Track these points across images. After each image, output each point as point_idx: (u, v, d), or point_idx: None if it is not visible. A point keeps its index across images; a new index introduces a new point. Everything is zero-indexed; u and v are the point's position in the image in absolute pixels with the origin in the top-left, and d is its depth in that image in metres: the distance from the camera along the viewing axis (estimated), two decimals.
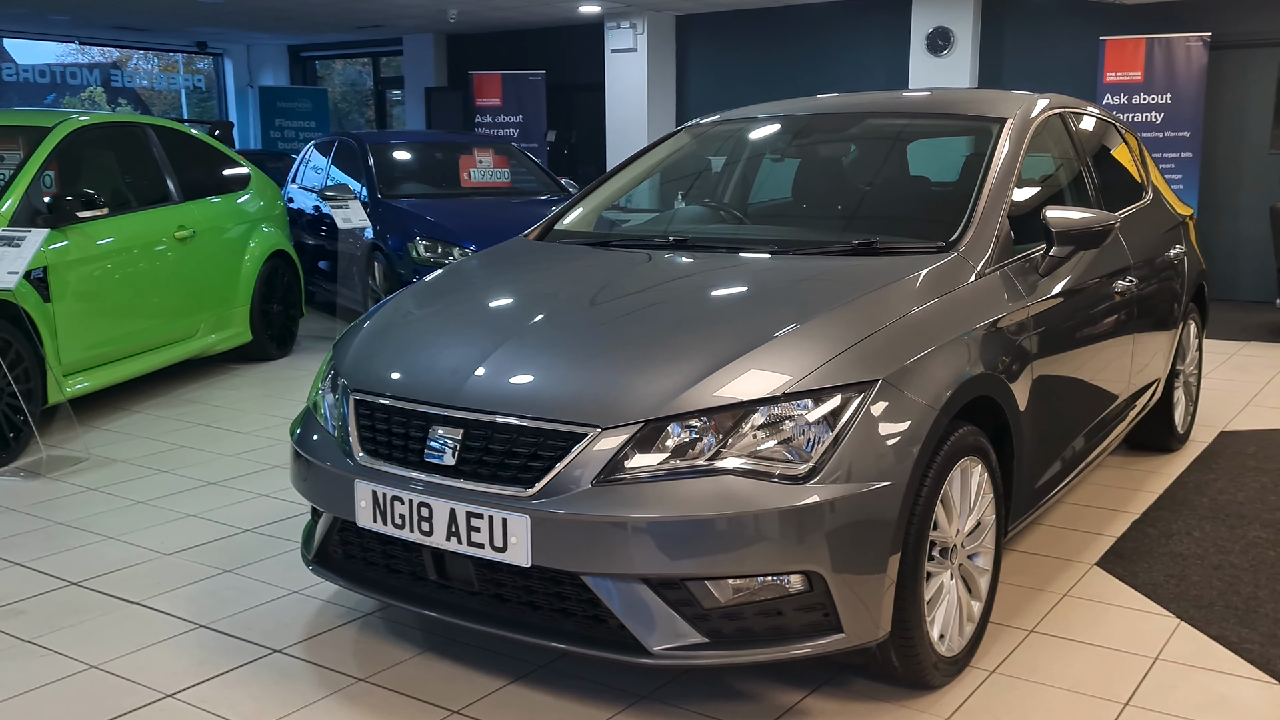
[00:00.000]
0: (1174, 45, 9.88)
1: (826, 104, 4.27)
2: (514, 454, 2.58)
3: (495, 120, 13.24)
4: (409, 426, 2.76)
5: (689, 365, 2.59)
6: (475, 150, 9.35)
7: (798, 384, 2.52)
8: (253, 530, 4.10)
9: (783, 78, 12.36)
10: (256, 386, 6.67)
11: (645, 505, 2.43)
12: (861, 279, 2.98)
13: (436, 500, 2.64)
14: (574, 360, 2.71)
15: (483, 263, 3.74)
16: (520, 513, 2.51)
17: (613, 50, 12.81)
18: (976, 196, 3.34)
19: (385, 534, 2.77)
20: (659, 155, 4.32)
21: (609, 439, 2.49)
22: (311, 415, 3.17)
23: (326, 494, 2.92)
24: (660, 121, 12.82)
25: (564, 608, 2.59)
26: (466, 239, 7.75)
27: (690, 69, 13.02)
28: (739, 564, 2.42)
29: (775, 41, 12.40)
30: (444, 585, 2.78)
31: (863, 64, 11.85)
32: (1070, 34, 10.71)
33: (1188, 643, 3.11)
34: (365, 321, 3.29)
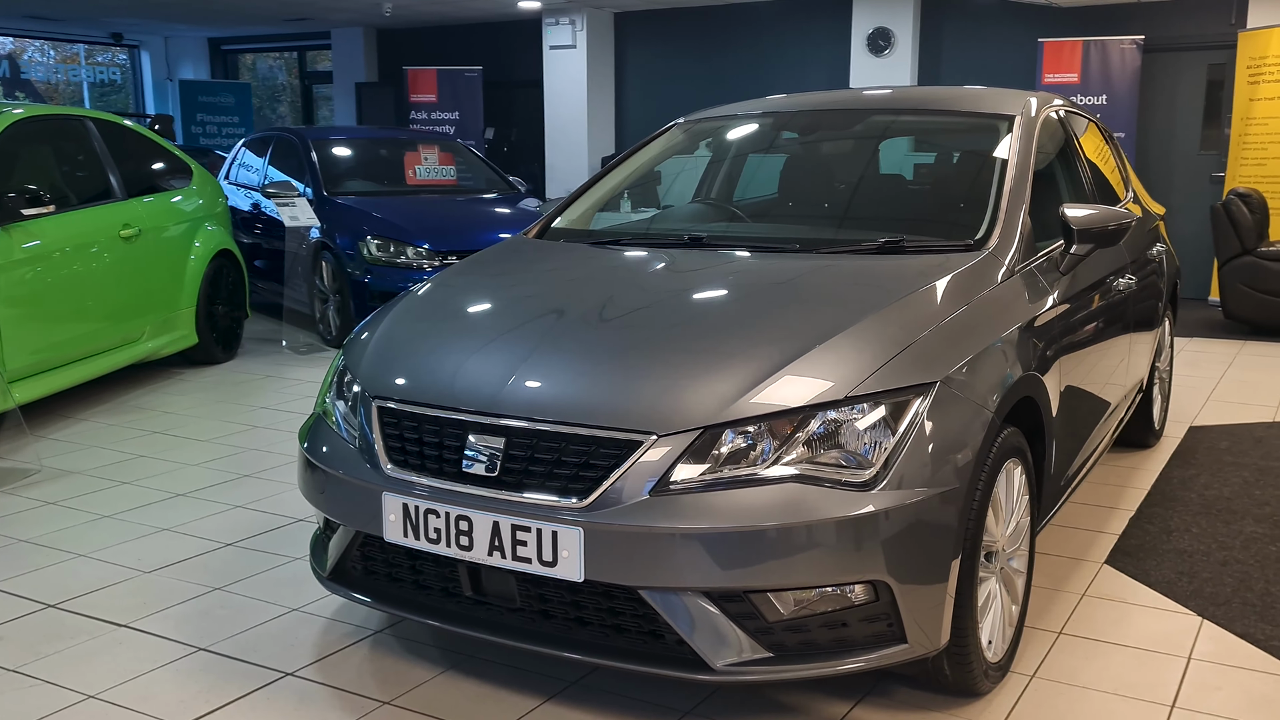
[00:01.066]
0: (1109, 47, 10.08)
1: (826, 100, 4.20)
2: (563, 463, 2.46)
3: (431, 116, 12.99)
4: (443, 435, 2.62)
5: (744, 370, 2.50)
6: (420, 147, 9.13)
7: (857, 388, 2.44)
8: (235, 545, 3.89)
9: (723, 77, 12.34)
10: (206, 392, 6.40)
11: (707, 515, 2.33)
12: (899, 278, 2.92)
13: (477, 513, 2.50)
14: (622, 365, 2.59)
15: (493, 262, 3.60)
16: (573, 525, 2.39)
17: (551, 47, 12.65)
18: (998, 193, 3.31)
19: (416, 549, 2.62)
20: (653, 152, 4.22)
21: (666, 447, 2.39)
22: (323, 423, 3.00)
23: (347, 507, 2.76)
24: (600, 119, 12.71)
25: (616, 623, 2.47)
26: (420, 238, 7.56)
27: (629, 67, 12.93)
28: (804, 575, 2.34)
29: (715, 40, 12.37)
30: (480, 602, 2.64)
31: (804, 63, 11.88)
32: (1008, 36, 10.87)
33: (1215, 641, 3.11)
34: (377, 325, 3.13)
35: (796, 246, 3.30)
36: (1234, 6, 9.97)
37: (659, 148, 4.24)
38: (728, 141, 4.36)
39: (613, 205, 4.13)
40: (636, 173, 4.18)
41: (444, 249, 7.54)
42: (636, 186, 4.24)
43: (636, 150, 4.23)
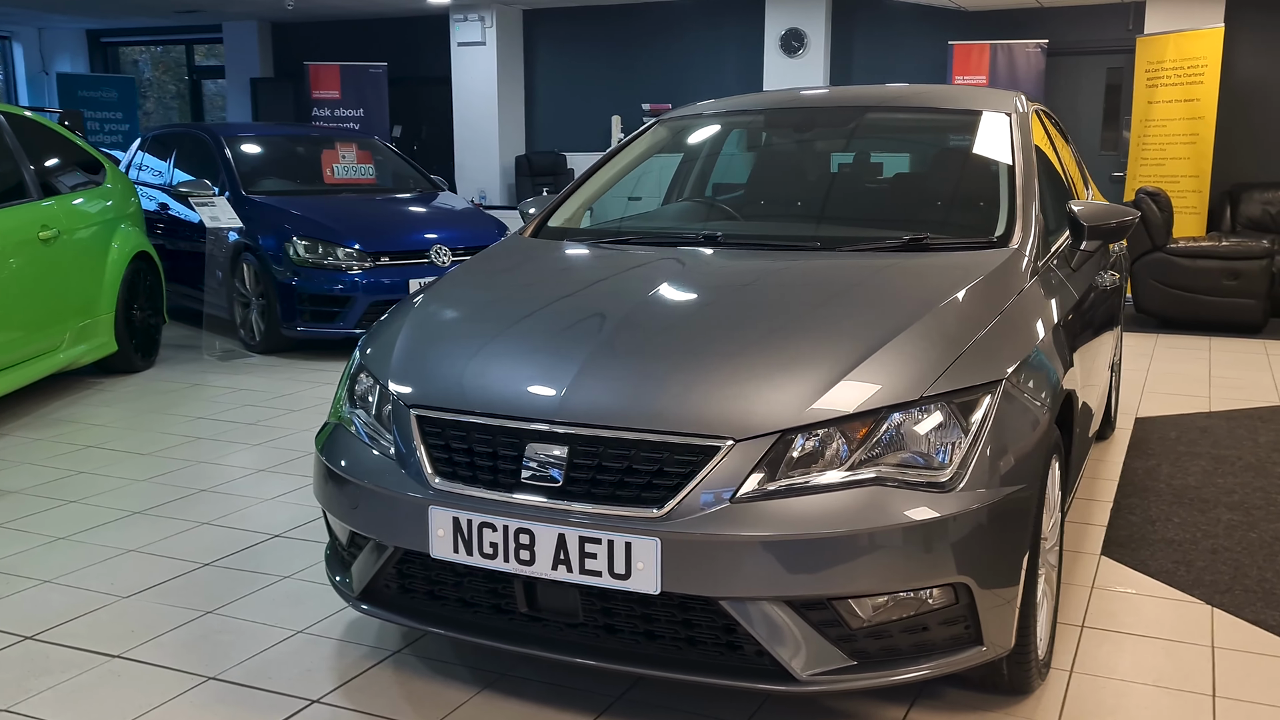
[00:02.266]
0: (1015, 51, 10.38)
1: (816, 97, 4.18)
2: (634, 471, 2.36)
3: (334, 114, 12.62)
4: (497, 445, 2.49)
5: (814, 372, 2.44)
6: (338, 145, 8.84)
7: (930, 387, 2.41)
8: (213, 564, 3.67)
9: (636, 76, 12.30)
10: (132, 402, 6.06)
11: (790, 522, 2.27)
12: (941, 275, 2.90)
13: (540, 526, 2.39)
14: (690, 369, 2.50)
15: (506, 262, 3.46)
16: (648, 535, 2.30)
17: (460, 43, 12.43)
18: (1011, 189, 3.33)
19: (467, 565, 2.49)
20: (638, 150, 4.13)
21: (743, 452, 2.31)
22: (344, 432, 2.83)
23: (385, 522, 2.61)
24: (511, 117, 12.53)
25: (690, 636, 2.39)
26: (350, 238, 7.32)
27: (540, 64, 12.79)
28: (889, 579, 2.29)
29: (627, 39, 12.32)
30: (535, 618, 2.52)
31: (717, 63, 11.93)
32: (919, 37, 11.10)
33: (1232, 629, 3.18)
34: (396, 330, 2.97)
35: (817, 244, 3.26)
36: (1131, 13, 10.37)
37: (643, 145, 4.15)
38: (717, 139, 4.29)
39: (599, 206, 4.03)
40: (623, 171, 4.08)
41: (375, 250, 7.32)
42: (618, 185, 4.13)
43: (621, 149, 4.13)
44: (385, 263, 7.33)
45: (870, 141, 4.02)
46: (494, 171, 12.34)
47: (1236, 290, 8.35)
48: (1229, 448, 5.10)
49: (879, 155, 4.00)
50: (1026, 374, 2.59)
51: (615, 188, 4.11)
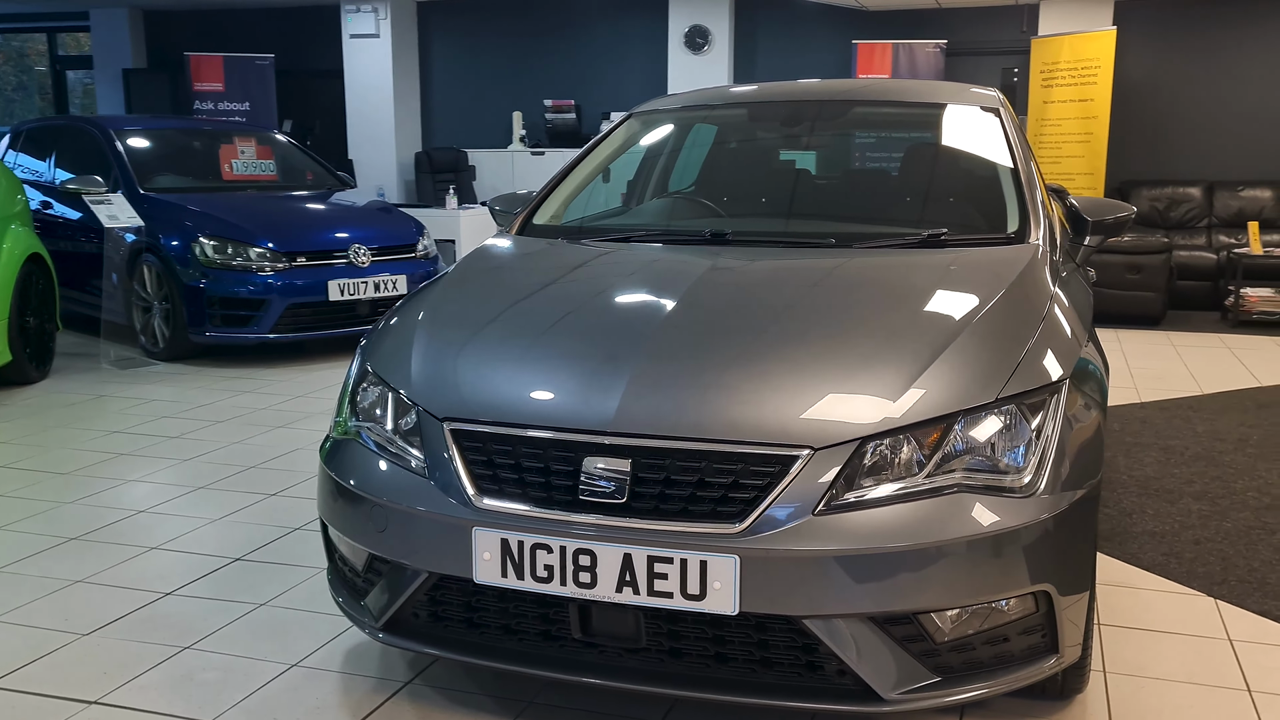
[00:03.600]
0: (916, 50, 10.54)
1: (799, 90, 4.06)
2: (706, 484, 2.21)
3: (218, 107, 12.03)
4: (549, 460, 2.31)
5: (886, 376, 2.33)
6: (236, 139, 8.40)
7: (1003, 389, 2.33)
8: (175, 594, 3.37)
9: (537, 71, 12.08)
10: (34, 417, 5.60)
11: (876, 534, 2.15)
12: (973, 274, 2.83)
13: (602, 545, 2.22)
14: (754, 374, 2.36)
15: (511, 262, 3.26)
16: (726, 553, 2.16)
17: (352, 35, 12.00)
18: (1018, 184, 3.29)
19: (516, 590, 2.31)
20: (615, 144, 3.97)
21: (823, 462, 2.19)
22: (355, 447, 2.60)
23: (418, 546, 2.40)
24: (406, 113, 12.16)
25: (767, 657, 2.25)
26: (263, 237, 6.95)
27: (436, 58, 12.44)
28: (978, 589, 2.20)
29: (527, 34, 12.09)
30: (590, 644, 2.35)
31: (621, 60, 11.80)
32: (823, 36, 11.18)
33: (1241, 621, 3.21)
34: (408, 337, 2.75)
35: (832, 241, 3.17)
36: (1025, 15, 10.64)
37: (619, 140, 3.99)
38: (701, 133, 4.15)
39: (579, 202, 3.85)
40: (601, 166, 3.91)
41: (290, 250, 6.97)
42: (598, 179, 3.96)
43: (598, 143, 3.96)
44: (301, 263, 6.97)
45: (862, 135, 3.94)
46: (390, 168, 11.95)
47: (1138, 284, 8.64)
48: (1172, 438, 5.22)
49: (873, 149, 3.92)
50: (1080, 372, 2.54)
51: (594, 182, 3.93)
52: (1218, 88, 10.21)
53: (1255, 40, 10.05)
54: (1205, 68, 10.22)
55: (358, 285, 7.11)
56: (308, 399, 6.04)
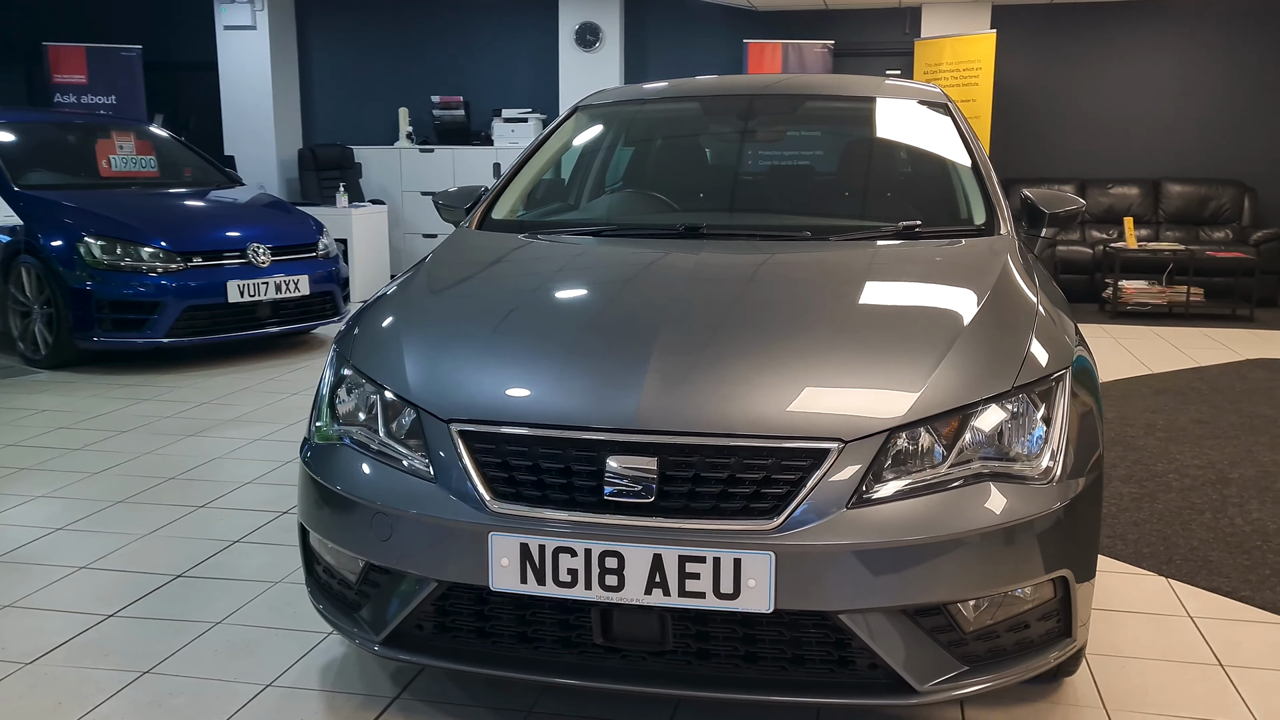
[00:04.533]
0: (805, 50, 10.70)
1: (748, 84, 4.04)
2: (737, 480, 2.17)
3: (82, 100, 11.39)
4: (569, 460, 2.23)
5: (906, 367, 2.32)
6: (115, 134, 7.97)
7: (1018, 377, 2.35)
8: (116, 615, 3.15)
9: (423, 66, 11.82)
10: None
11: (909, 526, 2.15)
12: (961, 265, 2.87)
13: (630, 547, 2.15)
14: (777, 367, 2.32)
15: (488, 257, 3.14)
16: (761, 550, 2.12)
17: (226, 26, 11.51)
18: (979, 177, 3.35)
19: (536, 596, 2.22)
20: (564, 138, 3.88)
21: (854, 454, 2.17)
22: (346, 451, 2.47)
23: (427, 554, 2.28)
24: (286, 108, 11.75)
25: (799, 655, 2.22)
26: (155, 236, 6.61)
27: (316, 52, 12.05)
28: (1006, 577, 2.22)
29: (412, 28, 11.82)
30: (611, 649, 2.28)
31: (510, 56, 11.64)
32: (713, 34, 11.25)
33: (1197, 599, 3.33)
34: (392, 333, 2.62)
35: (808, 234, 3.16)
36: (908, 18, 10.93)
37: (567, 134, 3.91)
38: (652, 126, 4.08)
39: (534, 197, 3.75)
40: (553, 160, 3.83)
41: (185, 249, 6.65)
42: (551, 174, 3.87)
43: (546, 138, 3.87)
44: (198, 264, 6.65)
45: (818, 130, 3.95)
46: (271, 165, 11.52)
47: None
48: None
49: (829, 143, 3.93)
50: (1075, 361, 2.59)
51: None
52: (1088, 90, 10.67)
53: (1119, 46, 10.54)
54: (1076, 71, 10.67)
55: (258, 286, 6.83)
56: (215, 405, 5.76)
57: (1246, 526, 3.96)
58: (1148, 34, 10.49)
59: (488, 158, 11.23)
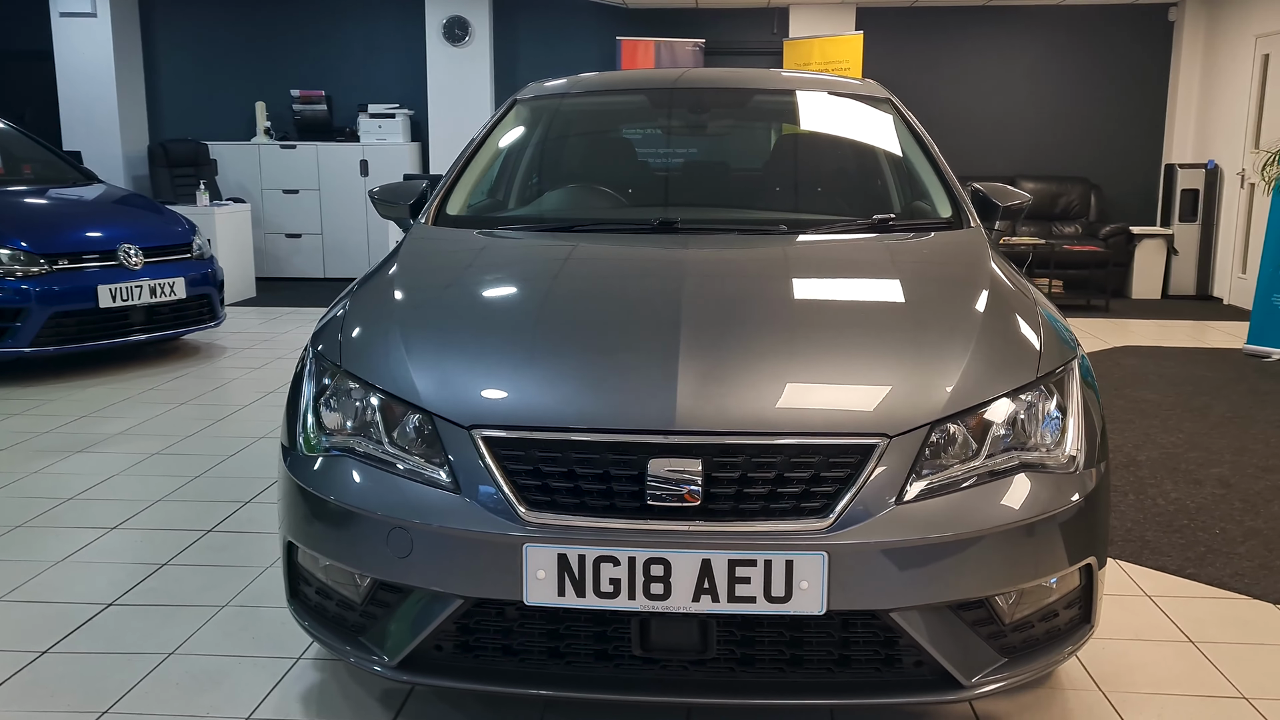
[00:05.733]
0: (677, 48, 10.74)
1: (699, 77, 3.98)
2: (785, 480, 2.11)
3: None
4: (608, 465, 2.12)
5: (936, 359, 2.31)
6: None
7: (1040, 367, 2.37)
8: (51, 651, 2.87)
9: (281, 59, 11.33)
10: None
11: (956, 520, 2.13)
12: (951, 257, 2.89)
13: (677, 553, 2.07)
14: (815, 363, 2.27)
15: (466, 255, 2.99)
16: (814, 550, 2.06)
17: (62, 14, 10.77)
18: (938, 171, 3.39)
19: (570, 609, 2.11)
20: (506, 130, 3.74)
21: (899, 450, 2.14)
22: (349, 464, 2.29)
23: (454, 570, 2.14)
24: (130, 100, 11.07)
25: (846, 655, 2.17)
26: (13, 237, 6.13)
27: (161, 42, 11.40)
28: (1045, 566, 2.23)
29: (268, 18, 11.30)
30: (649, 660, 2.19)
31: (375, 49, 11.27)
32: (585, 31, 11.16)
33: (1148, 579, 3.45)
34: (385, 335, 2.45)
35: (784, 228, 3.12)
36: (775, 19, 11.10)
37: (509, 127, 3.77)
38: (602, 120, 3.96)
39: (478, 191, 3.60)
40: (498, 154, 3.68)
41: (49, 251, 6.18)
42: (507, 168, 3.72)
43: (490, 131, 3.71)
44: (64, 266, 6.18)
45: (768, 124, 3.91)
46: (116, 161, 10.83)
47: None
48: None
49: (783, 137, 3.89)
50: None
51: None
52: (948, 91, 11.05)
53: (975, 49, 10.96)
54: (937, 73, 11.04)
55: (131, 290, 6.39)
56: (97, 419, 5.35)
57: (1169, 506, 4.13)
58: (1001, 38, 10.94)
59: (354, 154, 10.86)
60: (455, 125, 10.98)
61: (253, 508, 4.02)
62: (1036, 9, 10.81)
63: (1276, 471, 4.58)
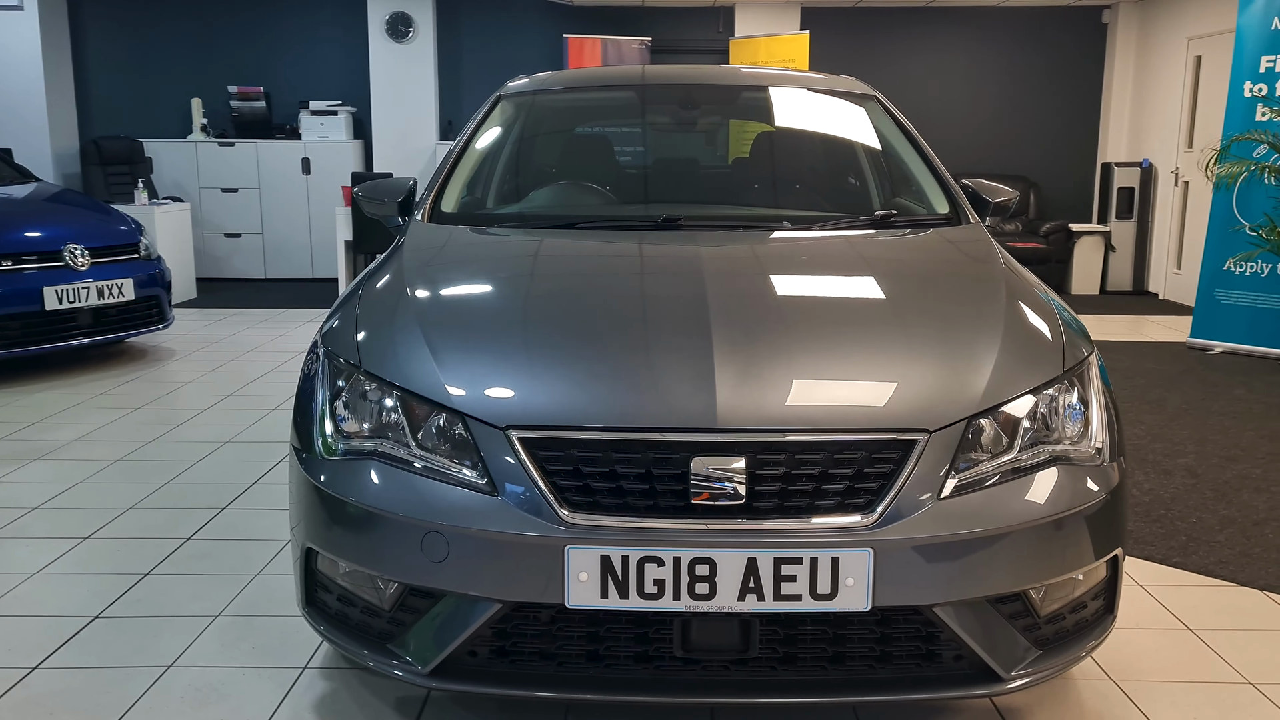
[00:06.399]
0: (623, 46, 10.72)
1: (683, 74, 3.94)
2: (830, 477, 2.09)
3: None
4: (650, 464, 2.09)
5: (968, 354, 2.32)
6: None
7: (1065, 361, 2.39)
8: (43, 667, 2.75)
9: (218, 54, 11.07)
10: None
11: (996, 515, 2.13)
12: (961, 254, 2.90)
13: (723, 552, 2.04)
14: (840, 360, 2.27)
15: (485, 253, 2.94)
16: (859, 547, 2.05)
17: None
18: (932, 167, 3.41)
19: (612, 611, 2.08)
20: (493, 126, 3.68)
21: (939, 444, 2.14)
22: (375, 467, 2.23)
23: (491, 574, 2.09)
24: (59, 96, 10.72)
25: (886, 651, 2.17)
26: None
27: (92, 36, 11.06)
28: (1078, 559, 2.24)
29: (204, 12, 11.03)
30: (690, 661, 2.16)
31: (315, 44, 11.07)
32: (531, 28, 11.08)
33: (1138, 568, 3.52)
34: (415, 337, 2.38)
35: (788, 224, 3.12)
36: (721, 18, 11.13)
37: (495, 123, 3.71)
38: (594, 115, 3.92)
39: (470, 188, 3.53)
40: (486, 151, 3.62)
41: None
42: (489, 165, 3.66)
43: (478, 128, 3.64)
44: (7, 267, 5.96)
45: (765, 119, 3.88)
46: (45, 159, 10.47)
47: None
48: None
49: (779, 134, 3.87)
50: None
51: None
52: (892, 90, 11.10)
53: (918, 49, 11.11)
54: (882, 72, 11.15)
55: (79, 291, 6.19)
56: (50, 425, 5.16)
57: (1145, 497, 4.22)
58: (943, 38, 11.11)
59: (295, 152, 10.65)
60: (399, 123, 10.84)
61: (230, 514, 3.91)
62: (976, 10, 10.99)
63: (1240, 461, 4.70)
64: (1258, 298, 7.31)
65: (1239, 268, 7.35)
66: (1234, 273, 7.40)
